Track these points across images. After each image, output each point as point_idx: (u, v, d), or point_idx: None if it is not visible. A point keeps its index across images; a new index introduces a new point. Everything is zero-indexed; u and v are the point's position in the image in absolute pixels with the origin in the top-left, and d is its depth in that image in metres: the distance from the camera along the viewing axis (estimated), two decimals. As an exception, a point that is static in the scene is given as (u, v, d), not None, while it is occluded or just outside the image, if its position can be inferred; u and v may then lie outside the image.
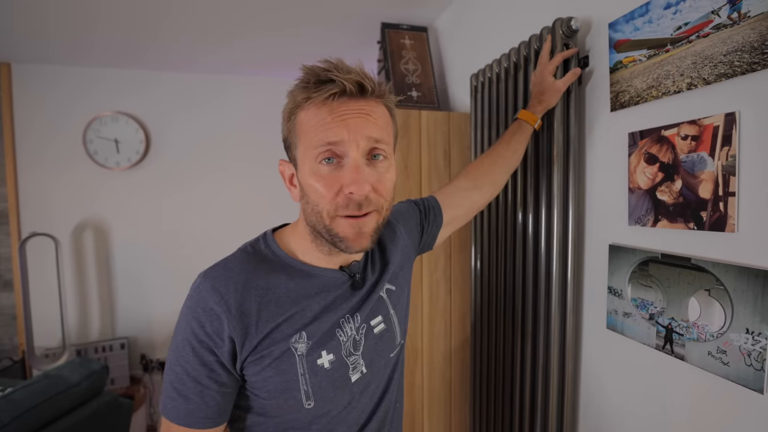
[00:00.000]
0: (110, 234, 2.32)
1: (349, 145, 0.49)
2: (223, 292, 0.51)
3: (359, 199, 0.49)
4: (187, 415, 0.50)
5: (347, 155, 0.49)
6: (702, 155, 0.64)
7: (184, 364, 0.50)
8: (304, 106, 0.51)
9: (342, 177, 0.49)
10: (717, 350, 0.62)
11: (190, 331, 0.50)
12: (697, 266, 0.64)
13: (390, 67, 1.54)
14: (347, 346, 0.56)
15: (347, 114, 0.49)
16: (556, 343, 0.89)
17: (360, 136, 0.49)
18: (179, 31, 1.79)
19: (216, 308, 0.50)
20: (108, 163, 2.28)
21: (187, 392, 0.50)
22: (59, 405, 1.20)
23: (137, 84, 2.31)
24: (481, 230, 1.22)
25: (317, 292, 0.56)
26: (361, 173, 0.49)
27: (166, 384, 0.51)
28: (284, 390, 0.52)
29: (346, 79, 0.49)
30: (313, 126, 0.50)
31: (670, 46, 0.68)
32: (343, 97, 0.49)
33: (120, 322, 2.36)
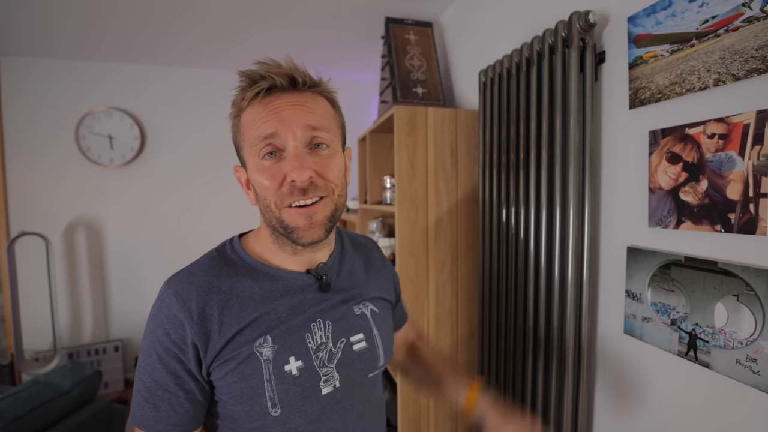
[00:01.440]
0: (103, 233, 2.26)
1: (285, 136, 0.49)
2: (185, 298, 0.50)
3: (302, 185, 0.49)
4: (157, 422, 0.49)
5: (286, 146, 0.50)
6: (730, 154, 0.61)
7: (151, 372, 0.50)
8: (244, 108, 0.52)
9: (284, 167, 0.50)
10: (746, 358, 0.59)
11: (155, 339, 0.50)
12: (725, 270, 0.62)
13: (395, 63, 1.51)
14: (320, 357, 0.54)
15: (280, 107, 0.50)
16: (571, 347, 0.86)
17: (295, 126, 0.49)
18: (177, 25, 1.74)
19: (179, 315, 0.50)
20: (101, 160, 2.22)
21: (155, 400, 0.49)
22: (49, 413, 1.15)
23: (132, 79, 2.25)
24: (489, 231, 1.19)
25: (282, 294, 0.54)
26: (300, 160, 0.49)
27: (135, 393, 0.51)
28: (250, 396, 0.50)
29: (275, 73, 0.50)
30: (251, 124, 0.51)
31: (695, 40, 0.66)
32: (276, 92, 0.51)
33: (114, 323, 2.30)
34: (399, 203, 1.25)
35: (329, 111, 0.55)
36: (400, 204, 1.25)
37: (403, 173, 1.25)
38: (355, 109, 2.57)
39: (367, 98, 2.59)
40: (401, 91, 1.47)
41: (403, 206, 1.25)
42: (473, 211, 1.33)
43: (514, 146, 1.05)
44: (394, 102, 1.45)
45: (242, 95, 0.51)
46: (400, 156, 1.24)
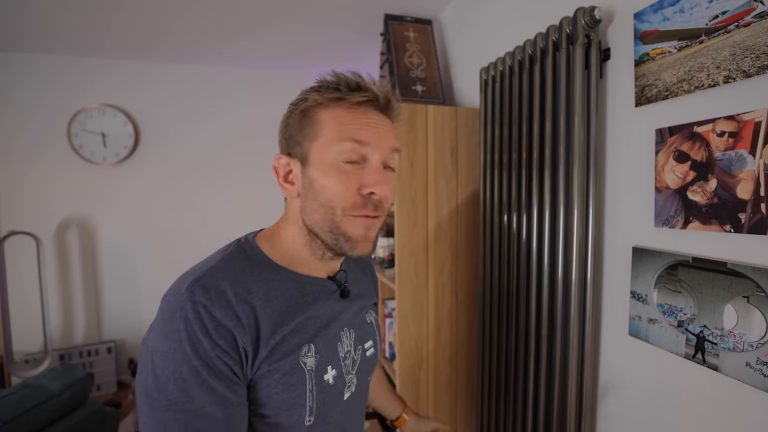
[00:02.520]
0: (96, 232, 2.22)
1: (374, 150, 0.49)
2: (226, 304, 0.45)
3: (378, 199, 0.49)
4: None
5: (370, 158, 0.49)
6: (741, 153, 0.60)
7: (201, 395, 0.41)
8: (329, 105, 0.50)
9: (363, 177, 0.49)
10: (757, 361, 0.58)
11: (200, 356, 0.42)
12: (735, 271, 0.60)
13: (394, 61, 1.49)
14: (347, 364, 0.54)
15: (378, 122, 0.51)
16: (575, 349, 0.85)
17: (385, 144, 0.50)
18: (173, 22, 1.70)
19: (225, 323, 0.43)
20: (94, 157, 2.18)
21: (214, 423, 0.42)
22: (39, 417, 1.11)
23: (126, 76, 2.21)
24: (491, 231, 1.17)
25: (314, 299, 0.53)
26: (382, 175, 0.49)
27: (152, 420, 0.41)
28: (290, 406, 0.48)
29: (380, 90, 0.50)
30: (340, 122, 0.49)
31: (704, 36, 0.64)
32: (371, 107, 0.51)
33: (107, 324, 2.26)
34: (398, 202, 1.23)
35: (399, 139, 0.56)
36: (400, 203, 1.23)
37: (402, 172, 1.23)
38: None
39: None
40: (400, 88, 1.45)
41: (403, 205, 1.23)
42: (474, 211, 1.32)
43: (516, 145, 1.03)
44: (393, 100, 1.43)
45: (337, 95, 0.50)
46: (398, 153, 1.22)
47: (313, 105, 0.51)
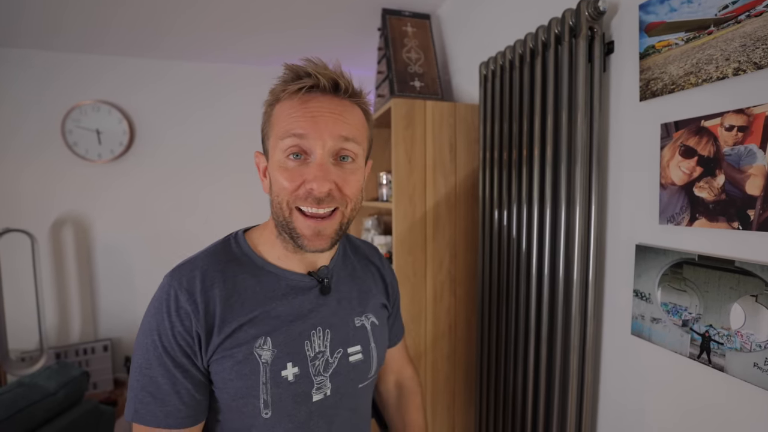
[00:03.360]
0: (92, 230, 2.20)
1: (315, 142, 0.48)
2: (190, 290, 0.50)
3: (319, 195, 0.49)
4: (166, 416, 0.48)
5: (313, 152, 0.49)
6: (751, 147, 0.58)
7: (156, 367, 0.48)
8: (281, 99, 0.51)
9: (306, 172, 0.49)
10: (765, 362, 0.56)
11: (160, 332, 0.48)
12: (743, 269, 0.59)
13: (391, 56, 1.46)
14: (317, 365, 0.54)
15: (318, 111, 0.49)
16: (576, 349, 0.84)
17: (327, 135, 0.48)
18: (168, 15, 1.67)
19: (185, 306, 0.49)
20: (89, 155, 2.15)
21: (162, 395, 0.48)
22: (34, 416, 1.10)
23: (120, 71, 2.18)
24: (490, 229, 1.16)
25: (284, 294, 0.54)
26: (324, 170, 0.48)
27: (137, 389, 0.48)
28: (244, 395, 0.50)
29: (321, 74, 0.48)
30: (284, 117, 0.50)
31: (713, 27, 0.62)
32: (317, 92, 0.49)
33: (103, 323, 2.24)
34: (396, 199, 1.21)
35: (363, 123, 0.53)
36: (398, 200, 1.21)
37: (400, 169, 1.21)
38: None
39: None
40: (398, 84, 1.43)
41: (401, 203, 1.21)
42: (473, 208, 1.30)
43: (517, 141, 1.01)
44: (391, 95, 1.40)
45: (283, 87, 0.50)
46: (397, 151, 1.20)
47: (271, 102, 0.52)
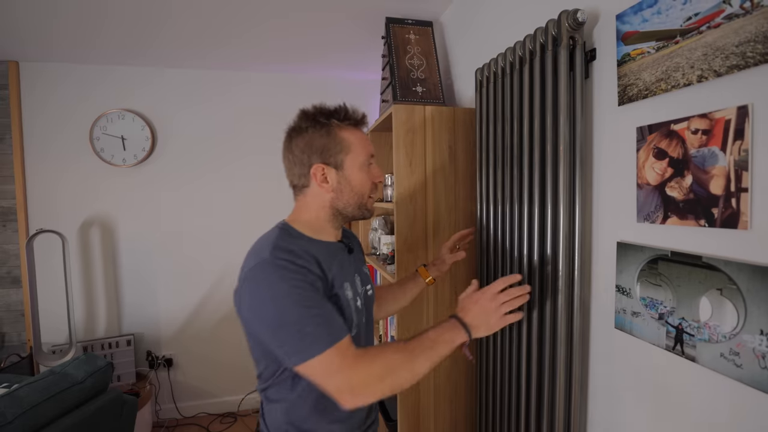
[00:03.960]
0: (116, 231, 2.34)
1: (374, 155, 0.85)
2: (298, 254, 0.70)
3: (380, 183, 0.88)
4: (340, 330, 0.67)
5: (373, 161, 0.84)
6: (713, 150, 0.62)
7: (308, 302, 0.66)
8: (346, 128, 0.80)
9: (374, 173, 0.84)
10: (730, 352, 0.60)
11: (298, 278, 0.67)
12: (709, 265, 0.62)
13: (395, 63, 1.53)
14: (361, 296, 0.83)
15: (368, 137, 0.85)
16: (563, 342, 0.87)
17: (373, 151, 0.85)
18: (185, 27, 1.79)
19: (303, 263, 0.69)
20: (114, 160, 2.30)
21: (328, 317, 0.67)
22: (64, 402, 1.21)
23: (143, 81, 2.32)
24: (486, 228, 1.20)
25: (335, 255, 0.80)
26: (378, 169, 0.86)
27: (297, 329, 0.64)
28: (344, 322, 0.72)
29: (365, 118, 0.84)
30: (358, 141, 0.80)
31: (679, 37, 0.66)
32: (363, 126, 0.84)
33: (126, 319, 2.38)
34: (397, 200, 1.27)
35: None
36: (399, 201, 1.27)
37: (401, 171, 1.27)
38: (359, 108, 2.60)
39: (370, 97, 2.62)
40: (401, 90, 1.49)
41: (402, 203, 1.27)
42: (472, 208, 1.35)
43: (509, 144, 1.06)
44: (394, 101, 1.47)
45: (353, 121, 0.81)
46: (398, 154, 1.27)
47: (335, 129, 0.78)
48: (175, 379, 2.44)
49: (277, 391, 0.76)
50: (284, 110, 2.50)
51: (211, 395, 2.51)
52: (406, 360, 0.67)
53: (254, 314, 0.68)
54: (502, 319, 0.77)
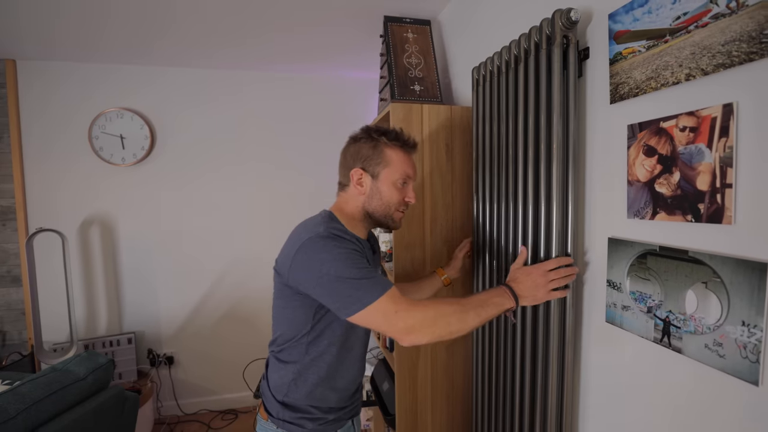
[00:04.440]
0: (116, 230, 2.36)
1: (412, 179, 0.96)
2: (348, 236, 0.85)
3: (410, 203, 0.97)
4: (388, 282, 0.79)
5: (410, 183, 0.96)
6: (700, 147, 0.63)
7: (360, 263, 0.79)
8: (393, 147, 0.93)
9: (406, 192, 0.95)
10: (713, 343, 0.62)
11: (352, 247, 0.81)
12: (695, 259, 0.64)
13: (393, 61, 1.54)
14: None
15: (414, 163, 0.97)
16: (556, 336, 0.89)
17: (415, 175, 0.97)
18: (186, 26, 1.80)
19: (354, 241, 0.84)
20: (113, 159, 2.31)
21: (374, 275, 0.78)
22: (65, 398, 1.22)
23: (142, 80, 2.33)
24: (483, 225, 1.22)
25: (364, 249, 0.90)
26: (413, 192, 0.96)
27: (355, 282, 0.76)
28: None
29: (416, 144, 0.97)
30: (400, 161, 0.93)
31: (669, 36, 0.68)
32: (411, 152, 0.97)
33: (127, 317, 2.40)
34: (394, 198, 1.28)
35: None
36: (396, 199, 1.28)
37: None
38: (358, 107, 2.62)
39: (369, 95, 2.63)
40: (399, 88, 1.50)
41: (399, 201, 1.29)
42: (469, 206, 1.36)
43: (504, 142, 1.08)
44: (392, 99, 1.48)
45: (398, 142, 0.93)
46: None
47: (383, 145, 0.92)
48: (176, 377, 2.46)
49: (290, 353, 0.90)
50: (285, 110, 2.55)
51: (212, 392, 2.53)
52: (458, 311, 0.77)
53: (311, 274, 0.78)
54: (549, 294, 0.85)
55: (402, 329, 0.75)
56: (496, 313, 0.81)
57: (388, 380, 1.50)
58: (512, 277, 0.89)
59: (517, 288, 0.85)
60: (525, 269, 0.88)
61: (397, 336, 0.76)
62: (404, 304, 0.76)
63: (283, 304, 0.90)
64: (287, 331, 0.90)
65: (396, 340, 0.77)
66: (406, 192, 0.94)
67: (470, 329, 0.79)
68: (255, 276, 2.53)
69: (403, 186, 0.93)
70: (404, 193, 0.94)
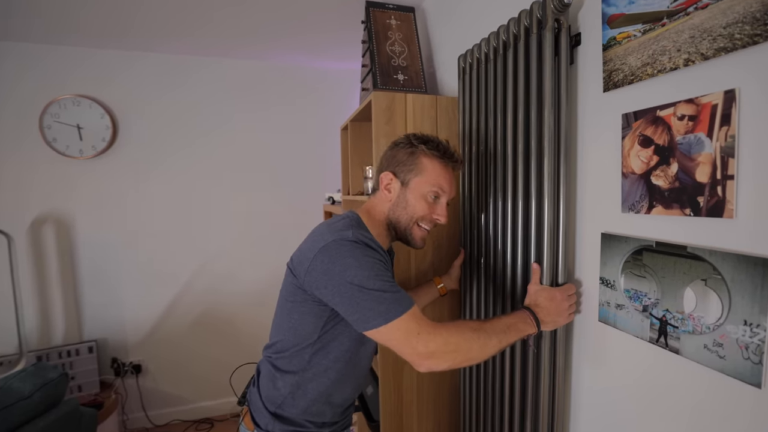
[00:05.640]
0: (74, 229, 2.17)
1: (446, 195, 0.87)
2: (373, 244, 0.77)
3: (437, 223, 0.88)
4: (411, 300, 0.72)
5: (442, 198, 0.87)
6: (699, 136, 0.60)
7: (385, 276, 0.72)
8: (430, 156, 0.85)
9: (436, 208, 0.87)
10: (713, 343, 0.58)
11: (378, 256, 0.75)
12: (694, 255, 0.61)
13: (375, 49, 1.47)
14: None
15: (452, 178, 0.88)
16: (547, 335, 0.85)
17: (452, 193, 0.88)
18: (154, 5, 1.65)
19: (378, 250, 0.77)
20: (69, 151, 2.12)
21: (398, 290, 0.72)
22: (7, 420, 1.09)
23: (102, 64, 2.14)
24: (470, 219, 1.17)
25: (389, 264, 0.82)
26: (445, 211, 0.87)
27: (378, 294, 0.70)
28: None
29: (459, 158, 0.89)
30: (435, 171, 0.85)
31: (666, 19, 0.64)
32: (452, 166, 0.88)
33: (88, 324, 2.22)
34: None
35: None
36: (377, 194, 1.22)
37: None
38: (339, 98, 2.52)
39: (350, 86, 2.54)
40: (381, 77, 1.43)
41: (380, 196, 1.22)
42: (455, 200, 1.31)
43: (492, 133, 1.03)
44: (374, 88, 1.41)
45: (438, 153, 0.85)
46: (378, 144, 1.21)
47: (419, 152, 0.85)
48: (145, 386, 2.31)
49: (290, 362, 0.82)
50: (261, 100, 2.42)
51: (185, 401, 2.40)
52: (481, 338, 0.71)
53: (332, 279, 0.72)
54: (568, 318, 0.83)
55: (423, 353, 0.69)
56: (516, 339, 0.76)
57: (373, 384, 1.44)
58: (533, 300, 0.82)
59: (540, 313, 0.79)
60: (547, 293, 0.81)
61: (415, 359, 0.69)
62: (427, 326, 0.70)
63: (290, 307, 0.82)
64: (290, 338, 0.82)
65: (412, 363, 0.70)
66: (435, 209, 0.85)
67: (489, 356, 0.73)
68: (230, 276, 2.41)
69: (434, 201, 0.85)
70: (433, 210, 0.85)
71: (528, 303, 0.83)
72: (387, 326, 0.69)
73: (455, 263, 1.20)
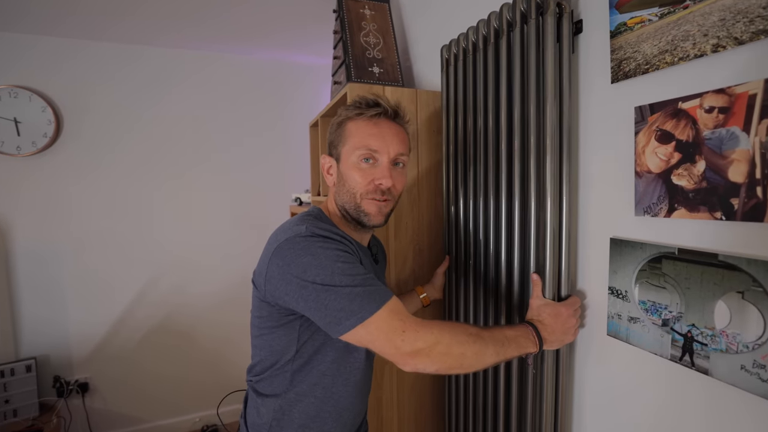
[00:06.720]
0: (10, 234, 1.92)
1: (383, 152, 0.72)
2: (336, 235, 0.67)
3: (383, 188, 0.72)
4: (385, 293, 0.62)
5: (380, 159, 0.72)
6: (733, 130, 0.53)
7: (354, 269, 0.62)
8: (354, 118, 0.73)
9: (375, 173, 0.72)
10: (753, 364, 0.52)
11: (341, 247, 0.65)
12: (727, 264, 0.54)
13: (348, 39, 1.35)
14: None
15: (386, 131, 0.73)
16: (550, 354, 0.77)
17: (391, 148, 0.72)
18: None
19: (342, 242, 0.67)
20: (5, 148, 1.87)
21: (371, 282, 0.62)
22: None
23: (44, 53, 1.91)
24: (455, 224, 1.08)
25: (362, 256, 0.73)
26: (388, 172, 0.72)
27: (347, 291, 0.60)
28: None
29: (389, 105, 0.74)
30: (360, 133, 0.72)
31: (689, 1, 0.57)
32: (383, 118, 0.73)
33: (26, 339, 1.97)
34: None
35: (408, 140, 0.78)
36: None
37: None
38: (307, 94, 2.39)
39: (320, 82, 2.41)
40: (356, 70, 1.32)
41: (361, 198, 1.11)
42: (437, 201, 1.22)
43: (482, 130, 0.94)
44: (348, 82, 1.29)
45: (359, 111, 0.72)
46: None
47: (344, 119, 0.74)
48: (92, 407, 2.07)
49: (270, 384, 0.73)
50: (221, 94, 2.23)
51: (140, 421, 2.17)
52: (478, 344, 0.62)
53: (292, 283, 0.62)
54: (573, 335, 0.75)
55: (408, 352, 0.59)
56: (515, 356, 0.68)
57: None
58: (536, 315, 0.73)
59: (544, 330, 0.71)
60: (551, 308, 0.73)
61: (398, 359, 0.60)
62: (412, 323, 0.60)
63: (259, 323, 0.72)
64: (267, 357, 0.73)
65: (395, 362, 0.60)
66: (374, 173, 0.71)
67: (483, 367, 0.64)
68: (186, 287, 2.21)
69: (371, 165, 0.71)
70: (373, 175, 0.71)
71: (530, 318, 0.74)
72: (363, 326, 0.59)
73: (438, 271, 1.11)
